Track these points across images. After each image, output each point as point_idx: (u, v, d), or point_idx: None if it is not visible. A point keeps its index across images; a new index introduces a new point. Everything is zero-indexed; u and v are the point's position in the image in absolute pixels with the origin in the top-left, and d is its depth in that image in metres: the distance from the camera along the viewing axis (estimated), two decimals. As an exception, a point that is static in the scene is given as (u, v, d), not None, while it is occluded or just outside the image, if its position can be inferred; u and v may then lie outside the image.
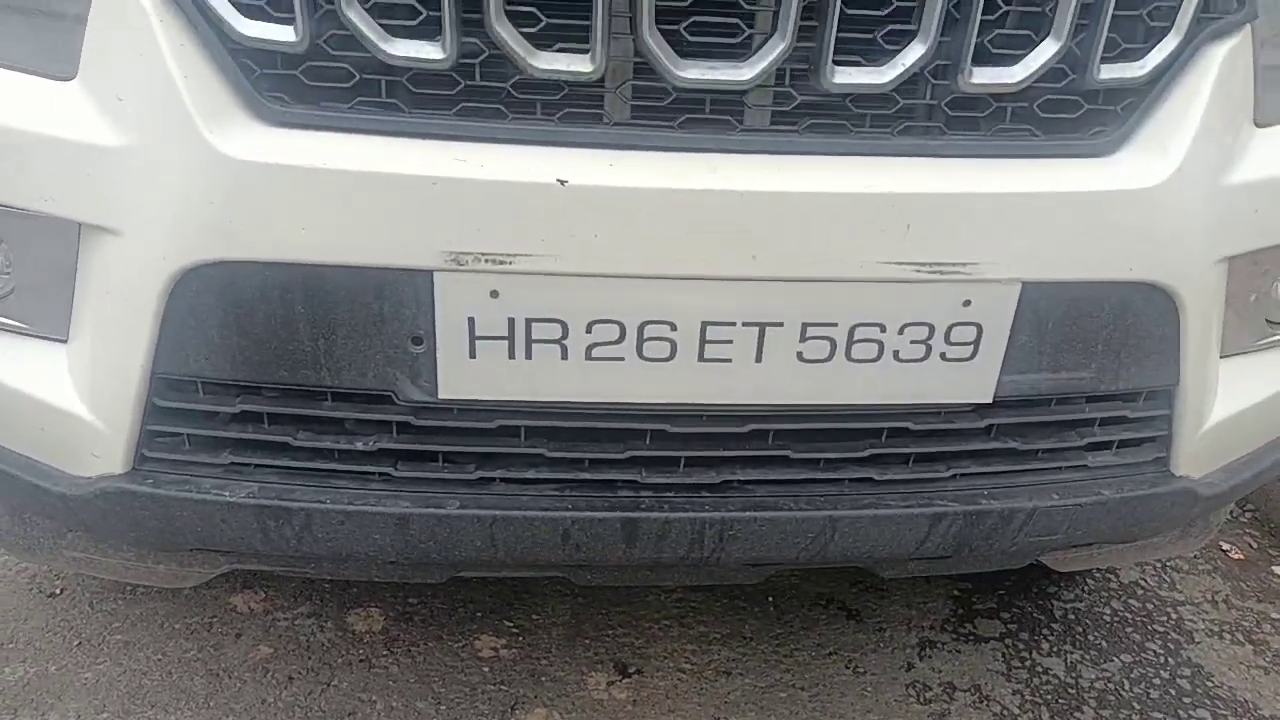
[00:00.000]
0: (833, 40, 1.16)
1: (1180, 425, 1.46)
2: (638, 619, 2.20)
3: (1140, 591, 2.39)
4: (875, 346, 1.29)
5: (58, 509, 1.40)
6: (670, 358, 1.27)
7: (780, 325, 1.26)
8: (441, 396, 1.28)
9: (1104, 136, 1.29)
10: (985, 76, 1.22)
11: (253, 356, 1.25)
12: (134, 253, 1.19)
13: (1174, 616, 2.32)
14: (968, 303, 1.28)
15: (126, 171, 1.17)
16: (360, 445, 1.32)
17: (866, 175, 1.22)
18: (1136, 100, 1.29)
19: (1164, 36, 1.26)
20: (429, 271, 1.19)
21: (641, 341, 1.25)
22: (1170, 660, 2.18)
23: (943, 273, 1.25)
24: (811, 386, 1.31)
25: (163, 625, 2.12)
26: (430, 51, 1.14)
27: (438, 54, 1.14)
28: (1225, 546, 2.59)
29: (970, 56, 1.20)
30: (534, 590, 2.26)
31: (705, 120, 1.21)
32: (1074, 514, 1.45)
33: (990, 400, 1.37)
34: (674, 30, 1.15)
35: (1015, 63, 1.22)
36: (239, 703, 1.94)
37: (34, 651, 2.03)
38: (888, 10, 1.18)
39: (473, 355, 1.25)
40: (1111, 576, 2.44)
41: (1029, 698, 2.06)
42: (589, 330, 1.24)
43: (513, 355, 1.25)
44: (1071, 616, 2.30)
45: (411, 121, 1.18)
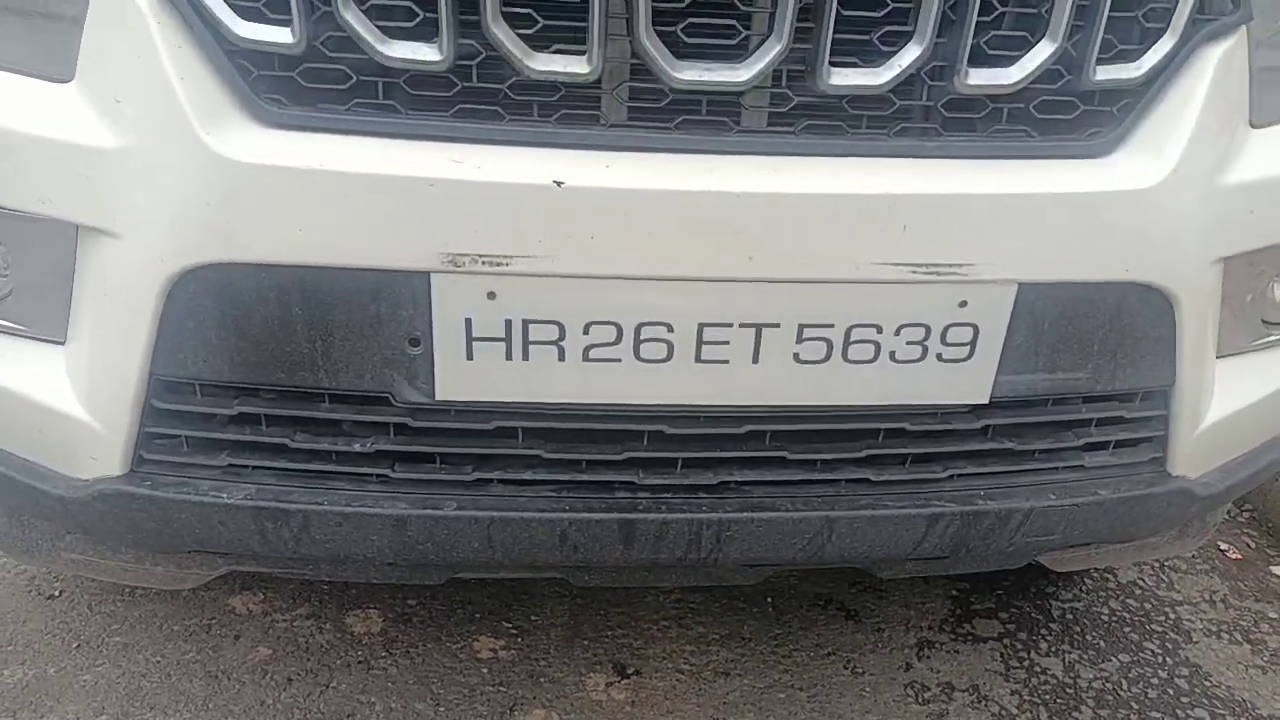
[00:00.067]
0: (829, 42, 1.16)
1: (1177, 425, 1.47)
2: (636, 620, 2.20)
3: (1138, 591, 2.40)
4: (872, 347, 1.29)
5: (56, 511, 1.40)
6: (667, 359, 1.27)
7: (777, 326, 1.26)
8: (439, 398, 1.28)
9: (1100, 138, 1.29)
10: (981, 78, 1.22)
11: (250, 358, 1.25)
12: (132, 254, 1.20)
13: (1172, 616, 2.32)
14: (964, 304, 1.28)
15: (124, 173, 1.17)
16: (358, 447, 1.33)
17: (863, 176, 1.22)
18: (1132, 101, 1.29)
19: (1159, 38, 1.26)
20: (426, 273, 1.19)
21: (638, 343, 1.25)
22: (1168, 660, 2.19)
23: (939, 274, 1.25)
24: (808, 387, 1.31)
25: (161, 627, 2.12)
26: (427, 53, 1.14)
27: (435, 55, 1.14)
28: (1223, 546, 2.59)
29: (966, 58, 1.20)
30: (532, 591, 2.26)
31: (702, 122, 1.21)
32: (1071, 514, 1.45)
33: (987, 401, 1.37)
34: (670, 32, 1.15)
35: (1011, 64, 1.22)
36: (238, 704, 1.94)
37: (33, 654, 2.03)
38: (884, 12, 1.18)
39: (470, 357, 1.25)
40: (1109, 576, 2.44)
41: (1027, 698, 2.06)
42: (586, 331, 1.24)
43: (510, 357, 1.25)
44: (1069, 616, 2.30)
45: (408, 123, 1.18)
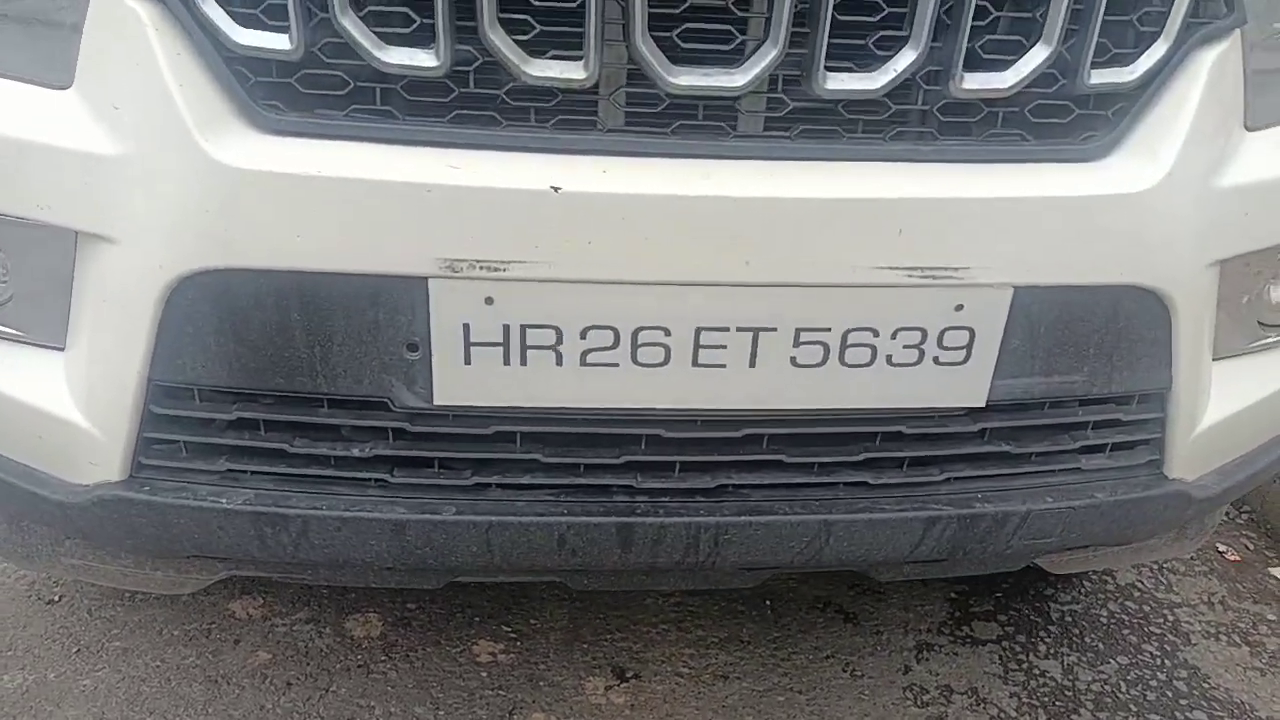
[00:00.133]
0: (825, 46, 1.16)
1: (1173, 428, 1.47)
2: (635, 623, 2.20)
3: (1137, 594, 2.40)
4: (868, 351, 1.29)
5: (55, 517, 1.40)
6: (664, 363, 1.27)
7: (774, 330, 1.26)
8: (437, 403, 1.28)
9: (1095, 141, 1.29)
10: (977, 82, 1.22)
11: (249, 364, 1.25)
12: (130, 261, 1.20)
13: (1170, 618, 2.32)
14: (960, 307, 1.28)
15: (123, 180, 1.17)
16: (356, 452, 1.33)
17: (859, 180, 1.22)
18: (1127, 105, 1.29)
19: (1154, 41, 1.26)
20: (424, 278, 1.20)
21: (636, 347, 1.25)
22: (1167, 662, 2.19)
23: (935, 277, 1.25)
24: (805, 391, 1.31)
25: (161, 632, 2.12)
26: (424, 59, 1.14)
27: (432, 61, 1.14)
28: (1221, 548, 2.59)
29: (961, 62, 1.20)
30: (531, 595, 2.27)
31: (698, 127, 1.22)
32: (1068, 517, 1.46)
33: (983, 404, 1.37)
34: (667, 37, 1.15)
35: (1006, 68, 1.22)
36: (237, 709, 1.94)
37: (33, 659, 2.03)
38: (879, 16, 1.18)
39: (468, 361, 1.25)
40: (1108, 579, 2.44)
41: (1026, 700, 2.06)
42: (583, 336, 1.24)
43: (508, 361, 1.25)
44: (1068, 619, 2.31)
45: (406, 129, 1.18)
